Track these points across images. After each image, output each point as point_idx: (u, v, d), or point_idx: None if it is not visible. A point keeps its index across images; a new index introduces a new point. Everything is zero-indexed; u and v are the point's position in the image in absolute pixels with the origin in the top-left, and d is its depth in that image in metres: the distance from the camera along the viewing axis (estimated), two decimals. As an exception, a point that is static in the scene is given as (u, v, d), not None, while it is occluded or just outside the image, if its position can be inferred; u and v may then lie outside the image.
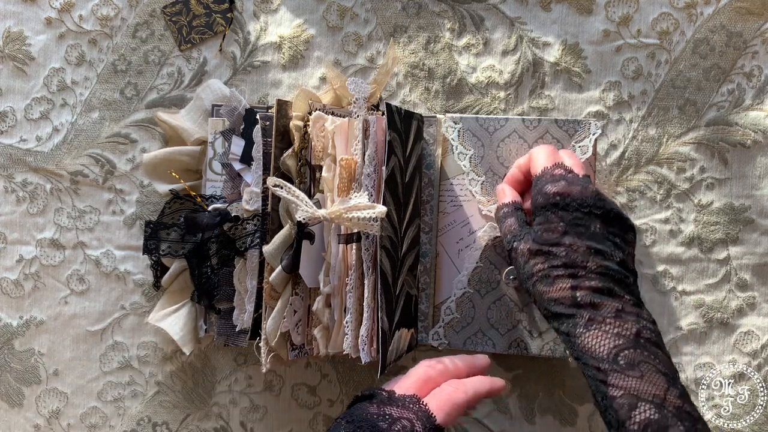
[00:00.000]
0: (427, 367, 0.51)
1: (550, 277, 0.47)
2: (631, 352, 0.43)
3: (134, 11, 0.68)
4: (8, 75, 0.68)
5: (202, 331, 0.65)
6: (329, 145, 0.56)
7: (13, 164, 0.68)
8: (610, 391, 0.43)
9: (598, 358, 0.44)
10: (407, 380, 0.50)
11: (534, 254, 0.48)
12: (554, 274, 0.47)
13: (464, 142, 0.63)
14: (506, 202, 0.55)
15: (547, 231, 0.48)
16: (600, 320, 0.44)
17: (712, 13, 0.65)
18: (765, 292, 0.64)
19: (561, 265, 0.47)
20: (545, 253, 0.48)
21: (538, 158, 0.53)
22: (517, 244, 0.50)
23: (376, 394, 0.48)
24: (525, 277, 0.49)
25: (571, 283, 0.46)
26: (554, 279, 0.47)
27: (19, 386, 0.68)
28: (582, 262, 0.46)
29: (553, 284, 0.47)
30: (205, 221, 0.62)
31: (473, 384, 0.50)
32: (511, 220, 0.53)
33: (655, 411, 0.42)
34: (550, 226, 0.48)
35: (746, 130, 0.64)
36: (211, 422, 0.67)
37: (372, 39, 0.67)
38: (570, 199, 0.48)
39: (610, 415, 0.43)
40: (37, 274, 0.68)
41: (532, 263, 0.48)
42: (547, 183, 0.50)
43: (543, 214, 0.49)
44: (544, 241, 0.48)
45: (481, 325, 0.63)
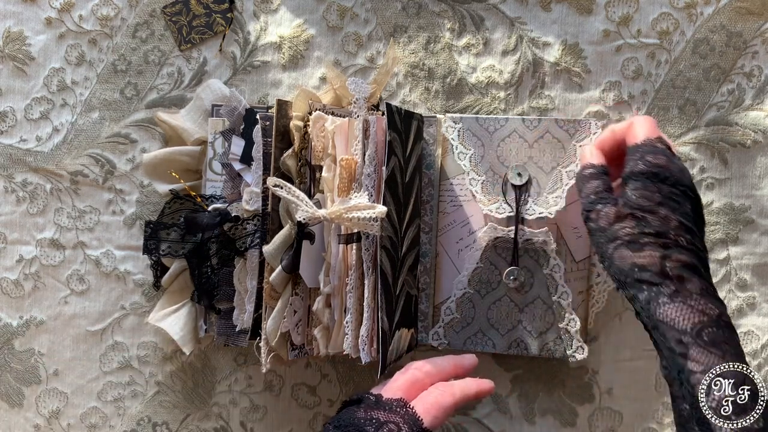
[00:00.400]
0: (414, 370, 0.51)
1: (638, 242, 0.46)
2: (714, 331, 0.43)
3: (134, 11, 0.68)
4: (8, 75, 0.68)
5: (202, 331, 0.65)
6: (329, 145, 0.56)
7: (13, 164, 0.68)
8: (689, 365, 0.42)
9: (681, 330, 0.43)
10: (394, 384, 0.50)
11: (624, 217, 0.47)
12: (644, 240, 0.46)
13: (464, 141, 0.63)
14: (594, 163, 0.53)
15: (643, 197, 0.47)
16: (687, 294, 0.44)
17: (712, 13, 0.65)
18: (765, 292, 0.64)
19: (653, 233, 0.46)
20: (638, 218, 0.47)
21: (641, 128, 0.51)
22: (602, 206, 0.49)
23: (363, 398, 0.48)
24: (605, 239, 0.48)
25: (662, 252, 0.45)
26: (643, 245, 0.46)
27: (19, 386, 0.68)
28: (674, 235, 0.46)
29: (642, 250, 0.46)
30: (205, 221, 0.62)
31: (460, 386, 0.50)
32: (597, 182, 0.51)
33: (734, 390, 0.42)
34: (646, 194, 0.47)
35: (746, 130, 0.64)
36: (211, 422, 0.67)
37: (372, 39, 0.67)
38: (670, 173, 0.48)
39: (686, 389, 0.43)
40: (37, 274, 0.68)
41: (620, 226, 0.47)
42: (650, 152, 0.49)
43: (641, 180, 0.48)
44: (638, 206, 0.47)
45: (481, 325, 0.63)
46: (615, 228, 0.47)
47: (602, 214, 0.49)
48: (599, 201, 0.50)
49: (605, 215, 0.48)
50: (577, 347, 0.62)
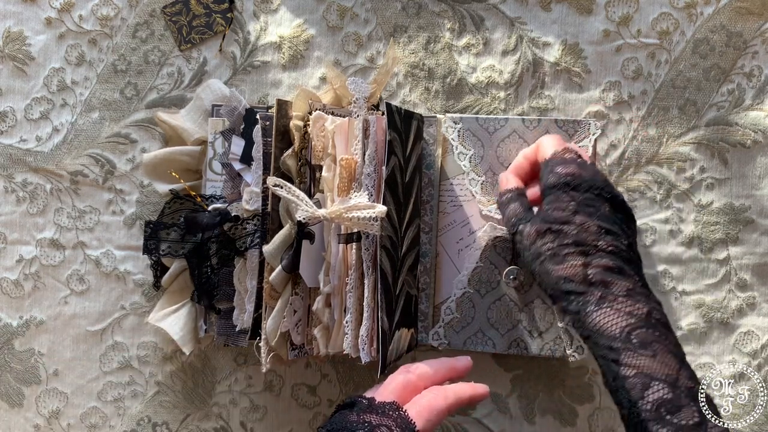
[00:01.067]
0: (407, 373, 0.50)
1: (559, 255, 0.47)
2: (644, 331, 0.43)
3: (134, 11, 0.68)
4: (8, 75, 0.68)
5: (202, 331, 0.65)
6: (329, 144, 0.56)
7: (13, 164, 0.68)
8: (622, 371, 0.42)
9: (610, 336, 0.43)
10: (387, 387, 0.49)
11: (543, 233, 0.48)
12: (564, 252, 0.46)
13: (464, 142, 0.63)
14: (509, 188, 0.55)
15: (557, 210, 0.48)
16: (612, 298, 0.44)
17: (712, 13, 0.65)
18: (765, 292, 0.64)
19: (572, 243, 0.46)
20: (555, 231, 0.47)
21: (547, 145, 0.53)
22: (522, 226, 0.50)
23: (356, 402, 0.48)
24: (531, 257, 0.49)
25: (583, 260, 0.46)
26: (564, 257, 0.46)
27: (19, 386, 0.68)
28: (593, 240, 0.46)
29: (564, 262, 0.46)
30: (205, 221, 0.62)
31: (454, 390, 0.49)
32: (515, 204, 0.53)
33: (669, 390, 0.41)
34: (560, 205, 0.48)
35: (746, 130, 0.64)
36: (211, 422, 0.67)
37: (372, 39, 0.67)
38: (581, 180, 0.48)
39: (622, 394, 0.42)
40: (37, 274, 0.68)
41: (540, 243, 0.48)
42: (559, 164, 0.50)
43: (553, 193, 0.49)
44: (554, 220, 0.48)
45: (481, 324, 0.63)
46: (538, 245, 0.48)
47: (524, 234, 0.50)
48: (519, 222, 0.51)
49: (527, 234, 0.49)
50: (577, 347, 0.62)
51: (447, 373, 0.52)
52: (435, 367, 0.51)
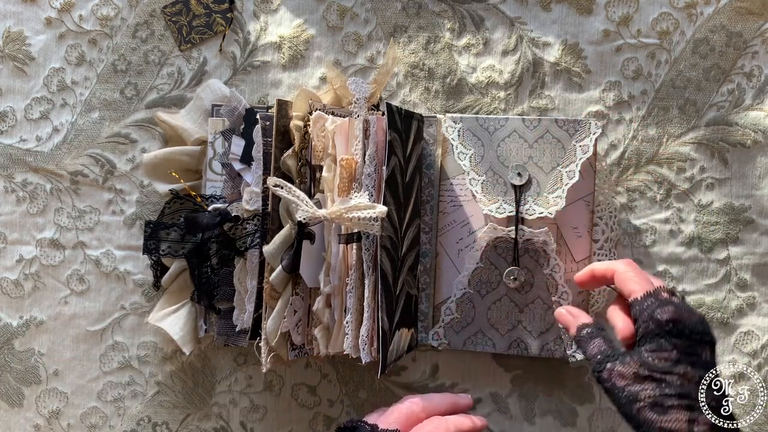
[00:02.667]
0: (411, 403, 0.51)
1: (662, 405, 0.45)
2: None
3: (134, 11, 0.68)
4: (8, 75, 0.68)
5: (202, 331, 0.65)
6: (329, 145, 0.56)
7: (13, 164, 0.68)
8: None
9: None
10: (391, 415, 0.50)
11: (643, 379, 0.46)
12: (668, 403, 0.45)
13: (464, 141, 0.63)
14: (586, 322, 0.53)
15: (659, 358, 0.46)
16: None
17: (712, 13, 0.65)
18: (765, 292, 0.64)
19: (675, 394, 0.45)
20: (657, 380, 0.46)
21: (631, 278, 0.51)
22: (612, 365, 0.48)
23: (359, 427, 0.48)
24: (626, 400, 0.47)
25: (688, 415, 0.45)
26: (668, 409, 0.45)
27: (19, 386, 0.68)
28: (696, 394, 0.45)
29: (667, 413, 0.45)
30: (205, 221, 0.62)
31: (455, 421, 0.50)
32: (599, 341, 0.50)
33: None
34: (662, 355, 0.46)
35: (746, 130, 0.64)
36: (211, 422, 0.67)
37: (372, 39, 0.67)
38: (683, 326, 0.47)
39: None
40: (37, 274, 0.68)
41: (639, 388, 0.46)
42: (657, 307, 0.48)
43: (655, 341, 0.47)
44: (655, 368, 0.46)
45: (481, 325, 0.63)
46: (635, 389, 0.46)
47: (615, 373, 0.47)
48: (608, 360, 0.49)
49: (619, 374, 0.47)
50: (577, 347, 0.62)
51: (449, 408, 0.52)
52: (438, 400, 0.52)
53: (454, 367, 0.66)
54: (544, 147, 0.62)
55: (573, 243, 0.62)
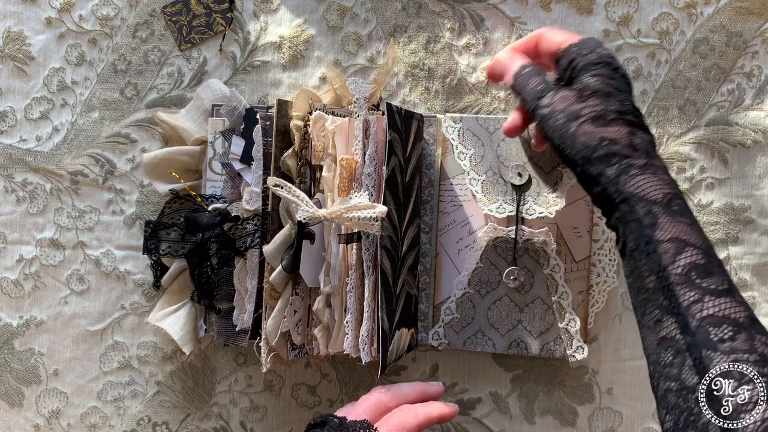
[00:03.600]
0: (379, 393, 0.51)
1: (605, 118, 0.46)
2: (682, 202, 0.43)
3: (134, 11, 0.68)
4: (8, 75, 0.68)
5: (202, 331, 0.65)
6: (329, 144, 0.56)
7: (13, 164, 0.68)
8: (657, 234, 0.42)
9: (651, 200, 0.43)
10: (359, 407, 0.50)
11: (586, 97, 0.47)
12: (610, 117, 0.46)
13: (464, 141, 0.63)
14: (525, 63, 0.52)
15: (603, 83, 0.47)
16: (656, 168, 0.44)
17: (712, 13, 0.65)
18: (765, 292, 0.64)
19: (617, 110, 0.46)
20: (603, 95, 0.47)
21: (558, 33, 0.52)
22: (554, 92, 0.49)
23: (328, 421, 0.48)
24: (566, 119, 0.47)
25: (629, 128, 0.45)
26: (610, 121, 0.46)
27: (19, 386, 0.68)
28: (634, 116, 0.46)
29: (609, 125, 0.46)
30: (205, 221, 0.62)
31: (424, 409, 0.50)
32: (539, 78, 0.51)
33: (702, 257, 0.41)
34: (605, 80, 0.47)
35: (746, 130, 0.64)
36: (211, 422, 0.67)
37: (372, 39, 0.67)
38: (619, 63, 0.49)
39: (652, 259, 0.42)
40: (37, 274, 0.68)
41: (582, 105, 0.47)
42: (597, 45, 0.49)
43: (597, 68, 0.48)
44: (600, 87, 0.47)
45: (481, 325, 0.63)
46: (577, 107, 0.47)
47: (559, 97, 0.48)
48: (550, 89, 0.49)
49: (562, 97, 0.48)
50: (577, 347, 0.62)
51: (418, 396, 0.52)
52: (407, 389, 0.52)
53: (454, 367, 0.66)
54: (544, 147, 0.62)
55: (573, 243, 0.62)
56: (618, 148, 0.45)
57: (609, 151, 0.45)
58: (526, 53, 0.54)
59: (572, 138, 0.47)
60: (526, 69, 0.52)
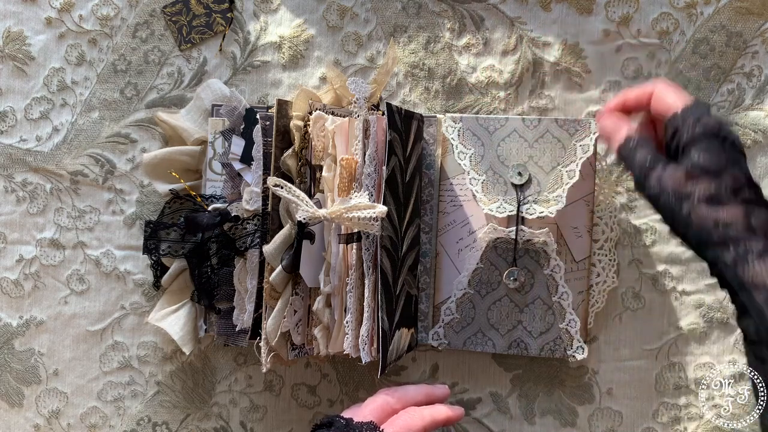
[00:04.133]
0: (385, 395, 0.51)
1: (719, 200, 0.44)
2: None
3: (134, 11, 0.68)
4: (8, 75, 0.68)
5: (202, 331, 0.65)
6: (329, 144, 0.56)
7: (13, 164, 0.68)
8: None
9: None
10: (366, 408, 0.50)
11: (696, 177, 0.45)
12: (725, 198, 0.44)
13: (464, 141, 0.63)
14: (630, 135, 0.50)
15: (710, 160, 0.45)
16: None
17: (712, 13, 0.65)
18: (765, 292, 0.64)
19: (731, 189, 0.44)
20: (713, 174, 0.44)
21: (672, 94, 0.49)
22: (663, 167, 0.46)
23: (334, 422, 0.48)
24: (676, 201, 0.45)
25: (745, 208, 0.43)
26: (725, 203, 0.44)
27: (19, 386, 0.68)
28: (749, 193, 0.44)
29: (724, 206, 0.44)
30: (205, 221, 0.62)
31: (430, 411, 0.50)
32: (646, 149, 0.48)
33: None
34: (713, 156, 0.45)
35: (746, 130, 0.64)
36: (211, 422, 0.67)
37: (372, 39, 0.67)
38: (728, 132, 0.47)
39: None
40: (37, 274, 0.68)
41: (693, 185, 0.45)
42: (703, 114, 0.47)
43: (704, 142, 0.46)
44: (710, 166, 0.45)
45: (481, 325, 0.63)
46: (687, 188, 0.45)
47: (667, 175, 0.46)
48: (659, 163, 0.47)
49: (671, 176, 0.46)
50: (577, 347, 0.62)
51: (425, 398, 0.52)
52: (413, 391, 0.52)
53: (454, 367, 0.66)
54: (544, 146, 0.62)
55: (573, 243, 0.62)
56: (734, 232, 0.43)
57: (725, 235, 0.43)
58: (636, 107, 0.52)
59: (686, 220, 0.45)
60: (632, 141, 0.50)
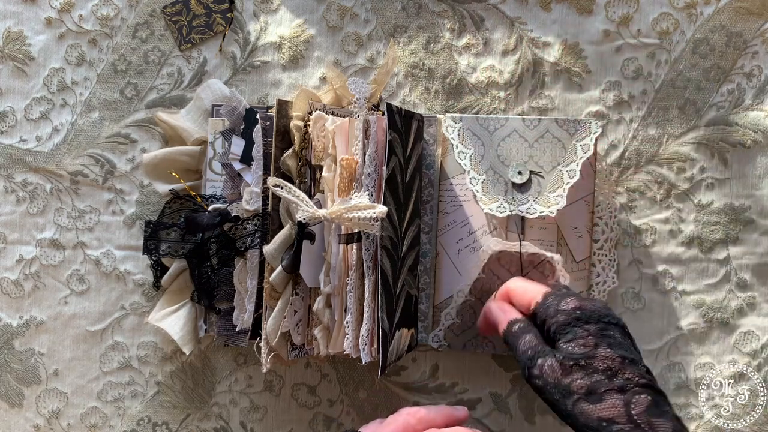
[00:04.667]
0: (408, 415, 0.51)
1: (596, 392, 0.45)
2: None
3: (134, 11, 0.68)
4: (8, 75, 0.68)
5: (202, 331, 0.65)
6: (329, 144, 0.56)
7: (13, 164, 0.68)
8: None
9: None
10: (388, 427, 0.50)
11: (570, 370, 0.46)
12: (601, 389, 0.45)
13: (464, 141, 0.63)
14: (516, 318, 0.52)
15: (578, 345, 0.47)
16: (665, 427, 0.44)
17: (712, 13, 0.65)
18: (765, 292, 0.64)
19: (605, 378, 0.45)
20: (583, 366, 0.46)
21: (526, 288, 0.53)
22: (542, 360, 0.48)
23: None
24: (560, 395, 0.47)
25: (622, 399, 0.44)
26: (602, 395, 0.45)
27: (19, 386, 0.68)
28: (622, 373, 0.45)
29: (602, 401, 0.45)
30: (205, 221, 0.62)
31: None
32: (530, 336, 0.50)
33: None
34: (579, 341, 0.47)
35: (746, 130, 0.64)
36: (211, 422, 0.67)
37: (372, 39, 0.67)
38: (590, 312, 0.48)
39: None
40: (37, 274, 0.68)
41: (570, 380, 0.46)
42: (561, 300, 0.49)
43: (569, 330, 0.48)
44: (579, 356, 0.46)
45: (481, 325, 0.63)
46: (567, 382, 0.46)
47: (546, 369, 0.47)
48: (538, 356, 0.48)
49: (550, 368, 0.47)
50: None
51: (445, 420, 0.52)
52: (434, 412, 0.52)
53: (454, 367, 0.66)
54: (545, 146, 0.62)
55: (573, 243, 0.62)
56: (618, 428, 0.44)
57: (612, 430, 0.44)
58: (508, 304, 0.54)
59: (571, 416, 0.46)
60: (516, 326, 0.52)
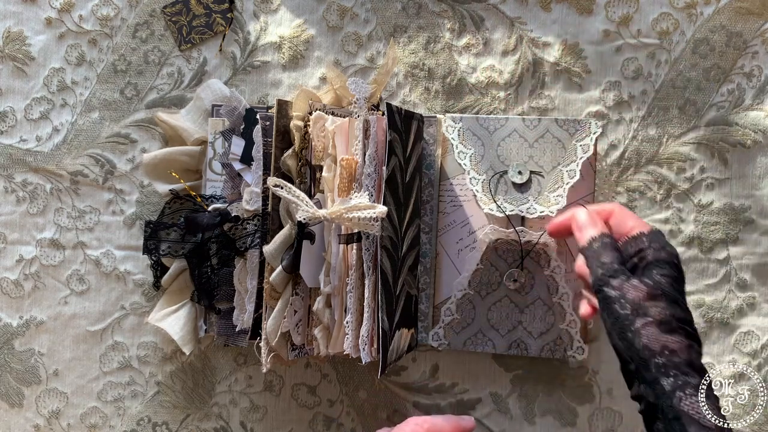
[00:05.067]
0: (415, 426, 0.51)
1: (671, 325, 0.46)
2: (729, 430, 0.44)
3: (134, 11, 0.68)
4: (8, 75, 0.68)
5: (202, 331, 0.65)
6: (330, 145, 0.56)
7: (13, 164, 0.68)
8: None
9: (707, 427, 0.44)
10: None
11: (655, 296, 0.47)
12: (675, 325, 0.46)
13: (464, 141, 0.63)
14: (606, 232, 0.51)
15: (671, 286, 0.47)
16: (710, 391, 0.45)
17: (712, 13, 0.65)
18: (765, 292, 0.64)
19: (684, 319, 0.46)
20: (672, 300, 0.47)
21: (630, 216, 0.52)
22: (626, 277, 0.48)
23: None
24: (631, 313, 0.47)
25: (689, 342, 0.46)
26: (675, 330, 0.46)
27: (19, 386, 0.68)
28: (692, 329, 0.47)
29: (674, 333, 0.46)
30: (205, 221, 0.62)
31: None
32: (616, 253, 0.50)
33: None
34: (673, 283, 0.47)
35: (746, 130, 0.64)
36: (211, 422, 0.67)
37: (372, 39, 0.67)
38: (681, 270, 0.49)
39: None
40: (37, 274, 0.68)
41: (651, 304, 0.46)
42: (666, 244, 0.49)
43: (667, 268, 0.48)
44: (669, 289, 0.47)
45: (481, 326, 0.63)
46: (646, 304, 0.47)
47: (630, 287, 0.47)
48: (623, 273, 0.48)
49: (635, 288, 0.47)
50: (577, 347, 0.62)
51: (452, 430, 0.52)
52: (441, 423, 0.52)
53: (454, 367, 0.66)
54: (545, 146, 0.62)
55: (573, 243, 0.62)
56: (678, 361, 0.45)
57: (668, 362, 0.45)
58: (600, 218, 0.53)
59: (634, 334, 0.46)
60: (606, 239, 0.51)
